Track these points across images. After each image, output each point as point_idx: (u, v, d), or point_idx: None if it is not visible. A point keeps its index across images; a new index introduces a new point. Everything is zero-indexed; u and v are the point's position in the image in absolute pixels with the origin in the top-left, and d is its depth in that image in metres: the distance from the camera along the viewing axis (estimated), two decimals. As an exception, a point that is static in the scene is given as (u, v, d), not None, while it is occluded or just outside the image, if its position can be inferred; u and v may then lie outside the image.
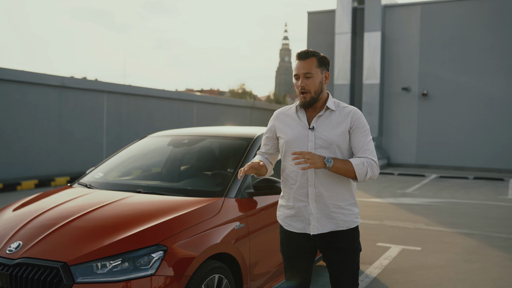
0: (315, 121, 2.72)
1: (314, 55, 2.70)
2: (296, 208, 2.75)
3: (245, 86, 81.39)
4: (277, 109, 2.90)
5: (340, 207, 2.71)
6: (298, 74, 2.69)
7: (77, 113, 13.77)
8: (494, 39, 18.27)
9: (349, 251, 2.74)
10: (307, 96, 2.67)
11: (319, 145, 2.67)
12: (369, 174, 2.65)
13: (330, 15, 21.55)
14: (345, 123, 2.70)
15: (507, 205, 10.24)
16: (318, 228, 2.71)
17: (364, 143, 2.71)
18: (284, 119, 2.82)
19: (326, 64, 2.75)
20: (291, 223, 2.79)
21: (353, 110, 2.76)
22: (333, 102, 2.76)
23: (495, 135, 18.24)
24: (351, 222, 2.74)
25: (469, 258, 5.93)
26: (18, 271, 2.80)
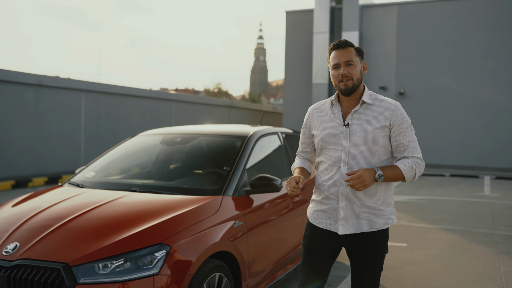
0: (350, 117, 2.64)
1: (352, 45, 2.66)
2: (326, 204, 2.70)
3: (221, 86, 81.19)
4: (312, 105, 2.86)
5: (373, 207, 2.63)
6: (339, 63, 2.61)
7: (54, 112, 13.51)
8: (468, 40, 18.65)
9: (375, 254, 2.67)
10: (349, 82, 2.59)
11: (354, 143, 2.60)
12: (417, 175, 2.63)
13: (308, 15, 21.68)
14: (383, 118, 2.60)
15: (484, 201, 10.47)
16: (347, 228, 2.64)
17: (409, 142, 2.62)
18: (318, 115, 2.76)
19: (362, 55, 2.70)
20: (318, 218, 2.75)
21: (392, 104, 2.64)
22: (370, 95, 2.67)
23: (469, 134, 18.63)
24: (382, 224, 2.66)
25: (454, 253, 6.04)
26: (16, 273, 2.73)
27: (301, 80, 21.94)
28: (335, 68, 2.64)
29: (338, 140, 2.63)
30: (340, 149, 2.62)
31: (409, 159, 2.62)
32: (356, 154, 2.59)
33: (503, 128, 18.13)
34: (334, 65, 2.64)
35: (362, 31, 20.38)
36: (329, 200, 2.68)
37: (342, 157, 2.60)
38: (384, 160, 2.65)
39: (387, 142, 2.63)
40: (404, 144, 2.62)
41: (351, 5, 20.04)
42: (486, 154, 18.31)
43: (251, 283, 3.60)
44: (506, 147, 18.05)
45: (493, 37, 18.31)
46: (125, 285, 2.68)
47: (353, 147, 2.59)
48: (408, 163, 2.60)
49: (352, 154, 2.59)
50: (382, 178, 2.52)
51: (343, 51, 2.62)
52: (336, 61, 2.63)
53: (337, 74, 2.62)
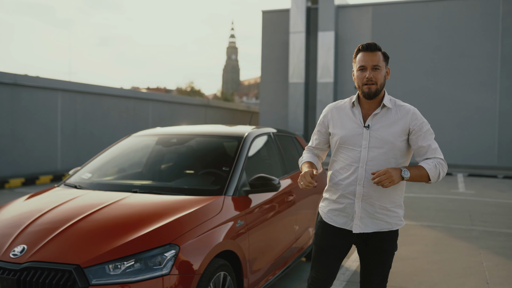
0: (370, 119, 2.68)
1: (380, 49, 2.69)
2: (341, 203, 2.74)
3: (193, 85, 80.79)
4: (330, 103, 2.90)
5: (386, 208, 2.70)
6: (366, 65, 2.64)
7: (30, 112, 13.26)
8: (441, 41, 19.10)
9: (385, 252, 2.75)
10: (372, 87, 2.63)
11: (373, 145, 2.65)
12: (441, 175, 2.67)
13: (284, 15, 21.82)
14: (403, 123, 2.67)
15: (460, 198, 10.77)
16: (360, 227, 2.70)
17: (429, 144, 2.69)
18: (339, 114, 2.79)
19: (388, 59, 2.74)
20: (333, 217, 2.79)
21: (411, 110, 2.71)
22: (389, 100, 2.73)
23: (442, 132, 19.07)
24: (393, 225, 2.74)
25: (437, 249, 6.23)
26: (26, 276, 2.73)
27: (278, 80, 22.07)
28: (361, 70, 2.67)
29: (357, 140, 2.68)
30: (359, 150, 2.67)
31: (431, 160, 2.68)
32: (375, 155, 2.65)
33: (475, 127, 18.64)
34: (361, 66, 2.67)
35: (338, 31, 20.63)
36: (345, 199, 2.73)
37: (361, 158, 2.66)
38: (400, 164, 2.71)
39: (404, 146, 2.70)
40: (425, 147, 2.69)
41: (327, 6, 20.26)
42: (458, 152, 18.79)
43: (252, 280, 3.66)
44: (478, 145, 18.57)
45: (465, 38, 18.79)
46: (137, 286, 2.71)
47: (372, 149, 2.65)
48: (431, 162, 2.66)
49: (371, 155, 2.65)
50: (408, 176, 2.57)
51: (371, 54, 2.65)
52: (363, 63, 2.65)
53: (362, 77, 2.66)
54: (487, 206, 9.74)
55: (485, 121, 18.49)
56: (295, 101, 20.89)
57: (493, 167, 18.22)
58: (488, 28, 18.46)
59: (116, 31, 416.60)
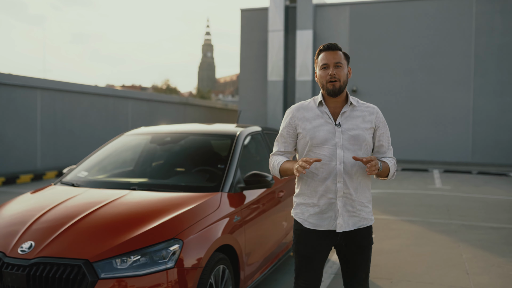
0: (340, 117, 2.72)
1: (340, 49, 2.75)
2: (322, 205, 2.72)
3: (169, 82, 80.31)
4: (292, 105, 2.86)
5: (363, 204, 2.75)
6: (328, 63, 2.69)
7: (9, 110, 13.11)
8: (416, 40, 19.52)
9: (366, 248, 2.79)
10: (336, 84, 2.67)
11: (346, 142, 2.68)
12: (395, 173, 2.81)
13: (263, 13, 21.97)
14: (370, 120, 2.75)
15: (436, 194, 11.10)
16: (343, 226, 2.70)
17: (389, 143, 2.83)
18: (306, 114, 2.77)
19: (349, 59, 2.79)
20: (314, 221, 2.75)
21: (375, 108, 2.83)
22: (353, 98, 2.79)
23: (418, 129, 19.52)
24: (369, 220, 2.79)
25: (418, 242, 6.47)
26: (36, 271, 2.82)
27: (257, 78, 22.21)
28: (323, 68, 2.71)
29: (330, 139, 2.68)
30: (334, 148, 2.67)
31: (390, 159, 2.82)
32: (350, 152, 2.68)
33: (449, 124, 19.11)
34: (323, 65, 2.71)
35: (316, 29, 20.88)
36: (325, 199, 2.71)
37: (338, 156, 2.66)
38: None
39: (371, 142, 2.79)
40: (385, 146, 2.82)
41: (305, 4, 20.48)
42: (434, 148, 19.25)
43: (247, 273, 3.81)
44: (453, 142, 19.06)
45: (439, 37, 19.24)
46: (144, 279, 2.83)
47: (346, 146, 2.67)
48: (391, 160, 2.80)
49: (347, 152, 2.67)
50: (381, 169, 2.68)
51: (333, 53, 2.71)
52: (325, 62, 2.70)
53: (325, 75, 2.70)
54: (463, 201, 10.07)
55: (460, 119, 18.99)
56: (274, 99, 21.08)
57: (468, 163, 18.73)
58: (462, 28, 18.95)
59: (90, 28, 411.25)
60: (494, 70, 18.61)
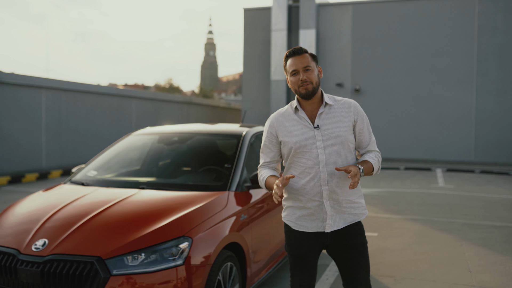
0: (317, 119, 2.71)
1: (306, 51, 2.74)
2: (309, 208, 2.73)
3: (172, 81, 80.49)
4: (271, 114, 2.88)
5: (351, 201, 2.75)
6: (297, 69, 2.68)
7: (14, 110, 13.22)
8: (419, 39, 19.56)
9: (361, 247, 2.77)
10: (309, 86, 2.67)
11: (327, 143, 2.68)
12: (379, 168, 2.80)
13: (266, 12, 22.04)
14: (349, 117, 2.73)
15: (439, 193, 11.16)
16: (331, 225, 2.72)
17: (369, 136, 2.80)
18: (284, 122, 2.78)
19: (317, 59, 2.78)
20: (302, 223, 2.77)
21: (352, 102, 2.78)
22: (328, 97, 2.77)
23: (421, 128, 19.57)
24: (360, 215, 2.79)
25: (421, 241, 6.54)
26: (50, 268, 2.90)
27: (260, 77, 22.29)
28: (293, 74, 2.70)
29: (311, 142, 2.68)
30: (316, 151, 2.68)
31: (373, 153, 2.81)
32: (332, 153, 2.68)
33: (452, 123, 19.16)
34: (293, 71, 2.70)
35: (319, 29, 20.94)
36: (312, 202, 2.71)
37: (320, 158, 2.67)
38: (354, 156, 2.80)
39: (353, 139, 2.76)
40: (367, 140, 2.80)
41: (308, 4, 20.54)
42: (437, 147, 19.30)
43: (254, 270, 3.89)
44: (456, 141, 19.10)
45: (442, 37, 19.28)
46: (154, 275, 2.91)
47: (327, 147, 2.68)
48: (375, 156, 2.79)
49: (329, 154, 2.68)
50: (363, 173, 2.67)
51: (299, 57, 2.70)
52: (294, 68, 2.69)
53: (296, 80, 2.69)
54: (466, 199, 10.13)
55: (462, 118, 19.03)
56: (277, 98, 21.16)
57: (470, 162, 18.78)
58: (465, 27, 18.98)
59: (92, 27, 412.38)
60: (497, 70, 18.65)
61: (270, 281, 4.81)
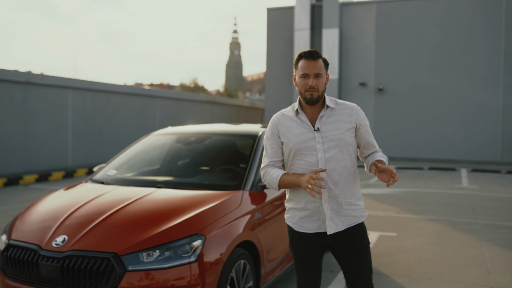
0: (318, 121, 2.73)
1: (321, 56, 2.74)
2: (309, 209, 2.76)
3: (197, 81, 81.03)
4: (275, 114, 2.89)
5: (351, 203, 2.77)
6: (309, 73, 2.68)
7: (42, 109, 13.59)
8: (444, 37, 19.30)
9: (362, 248, 2.78)
10: (315, 94, 2.68)
11: (327, 146, 2.70)
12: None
13: (289, 12, 22.05)
14: (350, 120, 2.75)
15: (463, 193, 11.03)
16: (333, 228, 2.74)
17: (372, 138, 2.85)
18: (286, 123, 2.81)
19: (328, 66, 2.79)
20: (304, 224, 2.80)
21: (354, 106, 2.80)
22: (330, 100, 2.79)
23: (446, 128, 19.31)
24: (360, 217, 2.80)
25: (440, 241, 6.50)
26: (69, 263, 3.03)
27: (283, 76, 22.32)
28: (303, 77, 2.70)
29: (311, 144, 2.71)
30: (315, 153, 2.70)
31: (379, 152, 2.88)
32: (331, 156, 2.70)
33: (478, 123, 18.86)
34: (303, 74, 2.70)
35: (342, 28, 20.85)
36: (312, 204, 2.74)
37: (319, 160, 2.69)
38: (353, 159, 2.81)
39: (354, 142, 2.79)
40: (371, 142, 2.85)
41: (331, 3, 20.48)
42: (462, 147, 19.02)
43: (268, 269, 3.95)
44: (481, 141, 18.79)
45: (468, 35, 18.99)
46: (168, 272, 3.01)
47: (327, 150, 2.70)
48: (382, 155, 2.85)
49: (328, 156, 2.70)
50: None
51: (313, 62, 2.69)
52: (305, 71, 2.69)
53: (305, 84, 2.69)
54: (489, 200, 9.99)
55: (489, 117, 18.71)
56: (298, 99, 21.20)
57: (497, 162, 18.45)
58: (491, 25, 18.65)
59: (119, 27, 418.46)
60: (525, 68, 18.27)
61: (284, 280, 4.86)
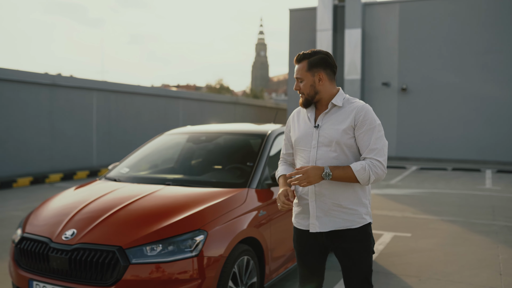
0: (320, 118, 2.70)
1: (306, 57, 2.69)
2: (301, 205, 2.77)
3: (222, 82, 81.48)
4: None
5: (341, 206, 2.64)
6: (295, 77, 2.75)
7: (67, 110, 13.96)
8: (469, 37, 19.03)
9: (356, 252, 2.67)
10: (302, 97, 2.73)
11: (321, 143, 2.65)
12: (372, 177, 2.55)
13: (311, 12, 22.06)
14: (349, 120, 2.63)
15: (485, 194, 10.87)
16: (318, 226, 2.68)
17: (369, 142, 2.60)
18: (297, 118, 2.85)
19: (320, 64, 2.67)
20: (299, 220, 2.80)
21: (358, 106, 2.66)
22: (342, 98, 2.70)
23: (470, 128, 19.02)
24: (353, 222, 2.65)
25: (455, 242, 6.46)
26: (77, 255, 3.18)
27: (305, 77, 22.33)
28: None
29: (308, 140, 2.70)
30: (309, 150, 2.69)
31: (366, 160, 2.59)
32: (322, 154, 2.63)
33: (503, 123, 18.52)
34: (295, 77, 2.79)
35: (365, 28, 20.75)
36: (303, 200, 2.75)
37: (311, 157, 2.67)
38: (353, 161, 2.65)
39: (353, 143, 2.64)
40: (365, 144, 2.61)
41: (354, 3, 20.42)
42: (487, 148, 18.71)
43: (273, 267, 4.03)
44: (507, 141, 18.44)
45: (493, 34, 18.67)
46: (170, 265, 3.12)
47: (320, 147, 2.65)
48: (361, 164, 2.56)
49: (320, 154, 2.64)
50: (329, 177, 2.53)
51: (297, 65, 2.74)
52: (294, 75, 2.77)
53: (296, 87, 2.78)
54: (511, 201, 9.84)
55: (515, 117, 18.36)
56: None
57: (523, 163, 18.09)
58: (518, 23, 18.30)
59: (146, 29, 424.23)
60: (553, 67, 17.87)
61: (288, 278, 4.92)
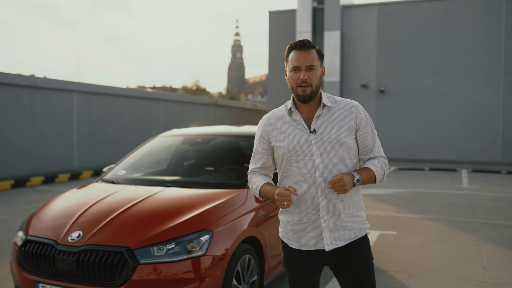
0: (314, 122, 2.43)
1: (314, 46, 2.44)
2: (305, 222, 2.46)
3: (199, 83, 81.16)
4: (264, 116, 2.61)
5: (352, 214, 2.46)
6: (300, 66, 2.38)
7: (48, 113, 13.81)
8: (445, 39, 19.48)
9: (366, 264, 2.49)
10: (307, 89, 2.38)
11: (324, 149, 2.40)
12: (385, 174, 2.52)
13: (291, 15, 22.27)
14: (349, 120, 2.44)
15: (463, 193, 11.19)
16: (332, 243, 2.44)
17: (374, 142, 2.52)
18: (278, 125, 2.49)
19: (323, 58, 2.48)
20: (299, 240, 2.49)
21: (354, 105, 2.49)
22: (327, 98, 2.49)
23: (447, 129, 19.48)
24: (361, 230, 2.50)
25: (439, 239, 6.67)
26: (84, 257, 3.22)
27: (284, 79, 22.45)
28: (294, 70, 2.41)
29: (307, 149, 2.41)
30: (312, 158, 2.40)
31: (377, 159, 2.51)
32: (329, 161, 2.40)
33: (479, 124, 19.02)
34: (294, 67, 2.40)
35: (343, 30, 21.05)
36: (308, 216, 2.44)
37: (316, 166, 2.40)
38: (355, 164, 2.51)
39: (355, 144, 2.49)
40: (370, 145, 2.51)
41: (333, 6, 20.69)
42: (463, 148, 19.18)
43: (271, 265, 4.14)
44: (482, 142, 18.95)
45: (469, 37, 19.16)
46: (177, 265, 3.20)
47: (324, 154, 2.40)
48: (378, 163, 2.49)
49: (326, 161, 2.40)
50: (360, 182, 2.39)
51: (305, 53, 2.39)
52: (296, 64, 2.39)
53: (296, 78, 2.40)
54: (489, 200, 10.16)
55: (489, 118, 18.87)
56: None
57: (497, 162, 18.60)
58: (491, 26, 18.82)
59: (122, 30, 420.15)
60: (525, 69, 18.43)
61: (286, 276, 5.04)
